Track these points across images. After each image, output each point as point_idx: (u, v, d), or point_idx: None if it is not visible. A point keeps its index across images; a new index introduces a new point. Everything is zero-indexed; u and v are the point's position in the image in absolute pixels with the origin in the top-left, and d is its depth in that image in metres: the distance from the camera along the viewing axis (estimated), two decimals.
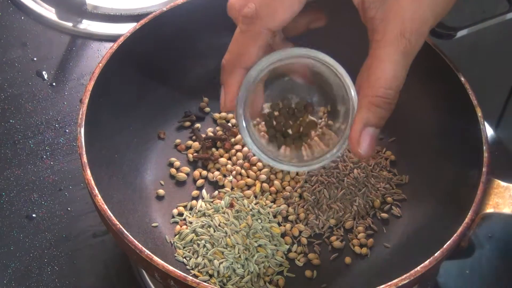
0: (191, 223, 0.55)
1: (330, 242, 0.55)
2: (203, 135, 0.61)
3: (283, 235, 0.55)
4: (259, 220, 0.55)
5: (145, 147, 0.59)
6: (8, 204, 0.61)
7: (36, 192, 0.62)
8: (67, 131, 0.67)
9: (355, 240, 0.55)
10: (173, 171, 0.59)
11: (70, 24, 0.76)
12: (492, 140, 0.65)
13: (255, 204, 0.56)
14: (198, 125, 0.62)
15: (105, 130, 0.54)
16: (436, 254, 0.45)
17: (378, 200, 0.57)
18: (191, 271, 0.52)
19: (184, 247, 0.54)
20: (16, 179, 0.63)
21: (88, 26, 0.76)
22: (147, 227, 0.54)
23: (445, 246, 0.45)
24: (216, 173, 0.59)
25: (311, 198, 0.57)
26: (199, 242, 0.54)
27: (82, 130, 0.50)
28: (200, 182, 0.59)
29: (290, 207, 0.57)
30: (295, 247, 0.55)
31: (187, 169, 0.59)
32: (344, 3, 0.43)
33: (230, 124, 0.63)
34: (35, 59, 0.73)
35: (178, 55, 0.61)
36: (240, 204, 0.56)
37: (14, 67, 0.72)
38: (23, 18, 0.77)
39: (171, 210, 0.57)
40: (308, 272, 0.53)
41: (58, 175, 0.63)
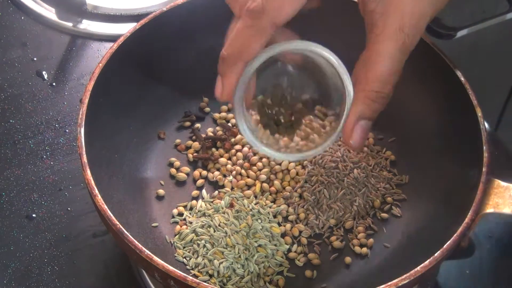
0: (191, 223, 0.55)
1: (330, 242, 0.55)
2: (203, 135, 0.61)
3: (283, 235, 0.55)
4: (259, 220, 0.55)
5: (145, 147, 0.59)
6: (8, 204, 0.61)
7: (36, 192, 0.62)
8: (67, 131, 0.67)
9: (355, 240, 0.55)
10: (173, 171, 0.59)
11: (70, 24, 0.76)
12: (492, 140, 0.65)
13: (255, 204, 0.56)
14: (198, 125, 0.62)
15: (105, 130, 0.54)
16: (436, 254, 0.45)
17: (378, 200, 0.57)
18: (191, 271, 0.52)
19: (184, 247, 0.54)
20: (16, 179, 0.63)
21: (88, 26, 0.76)
22: (147, 227, 0.54)
23: (445, 246, 0.45)
24: (216, 173, 0.59)
25: (311, 198, 0.57)
26: (199, 242, 0.54)
27: (82, 130, 0.50)
28: (200, 182, 0.59)
29: (290, 207, 0.57)
30: (295, 247, 0.55)
31: (187, 169, 0.59)
32: None
33: (230, 124, 0.63)
34: (35, 59, 0.73)
35: (178, 55, 0.61)
36: (240, 204, 0.56)
37: (14, 67, 0.72)
38: (23, 18, 0.77)
39: (171, 210, 0.57)
40: (308, 272, 0.53)
41: (58, 175, 0.63)
